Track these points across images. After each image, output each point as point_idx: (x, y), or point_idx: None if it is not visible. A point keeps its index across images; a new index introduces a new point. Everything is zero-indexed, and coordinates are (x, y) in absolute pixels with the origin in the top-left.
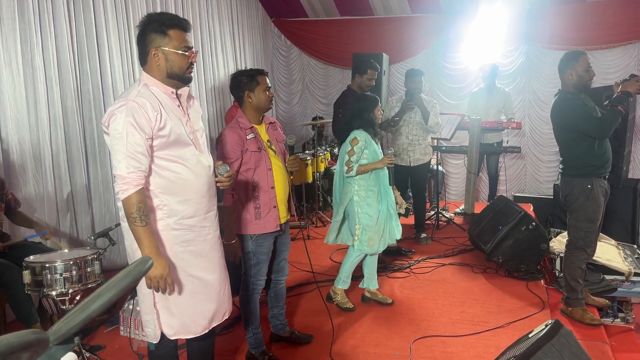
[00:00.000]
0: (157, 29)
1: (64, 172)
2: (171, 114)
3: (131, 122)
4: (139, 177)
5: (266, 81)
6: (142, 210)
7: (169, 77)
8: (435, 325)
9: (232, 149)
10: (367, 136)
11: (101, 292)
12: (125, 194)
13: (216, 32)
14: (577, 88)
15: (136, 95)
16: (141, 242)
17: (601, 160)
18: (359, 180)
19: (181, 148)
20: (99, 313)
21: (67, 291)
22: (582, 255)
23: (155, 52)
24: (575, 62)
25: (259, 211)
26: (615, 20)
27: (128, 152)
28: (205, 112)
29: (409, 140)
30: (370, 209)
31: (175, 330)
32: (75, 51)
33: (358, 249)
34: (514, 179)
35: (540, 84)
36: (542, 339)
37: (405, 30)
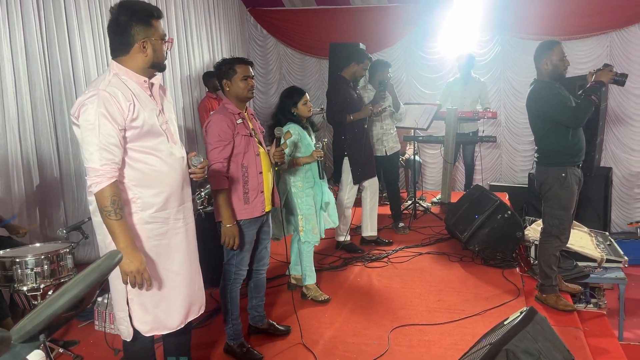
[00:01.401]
0: (143, 20)
1: (33, 165)
2: (144, 104)
3: (103, 112)
4: (113, 169)
5: (245, 70)
6: (116, 204)
7: (152, 67)
8: (413, 314)
9: (225, 132)
10: (300, 129)
11: (67, 288)
12: (98, 186)
13: (191, 22)
14: (552, 77)
15: (107, 85)
16: (116, 236)
17: (575, 149)
18: (295, 171)
19: (154, 139)
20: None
21: (38, 286)
22: (556, 243)
23: (144, 44)
24: (550, 51)
25: (248, 195)
26: (588, 10)
27: (101, 143)
28: (180, 102)
29: (384, 129)
30: (309, 199)
31: (150, 326)
32: (44, 39)
33: (305, 240)
34: (489, 168)
35: (515, 74)
36: (517, 326)
37: (382, 20)
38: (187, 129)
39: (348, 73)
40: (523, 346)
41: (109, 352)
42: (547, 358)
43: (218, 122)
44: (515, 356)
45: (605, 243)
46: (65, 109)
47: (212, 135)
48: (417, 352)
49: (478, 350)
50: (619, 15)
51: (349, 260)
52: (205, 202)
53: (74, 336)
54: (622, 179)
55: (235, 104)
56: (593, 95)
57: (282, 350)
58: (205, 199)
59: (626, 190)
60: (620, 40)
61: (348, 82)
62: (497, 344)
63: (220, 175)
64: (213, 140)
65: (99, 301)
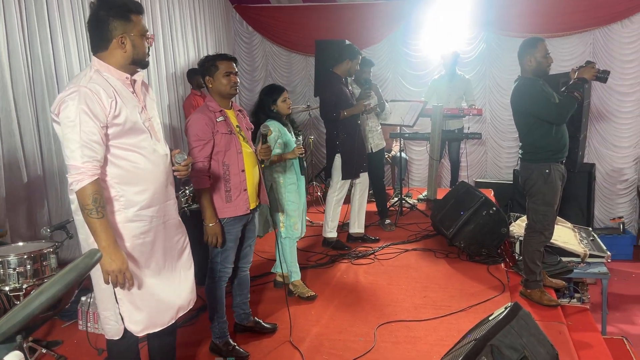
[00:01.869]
0: (121, 15)
1: (15, 163)
2: (126, 101)
3: (84, 109)
4: (95, 167)
5: (228, 66)
6: (98, 202)
7: (133, 63)
8: (399, 310)
9: (203, 131)
10: (280, 126)
11: (45, 288)
12: (80, 184)
13: (176, 18)
14: (536, 74)
15: (88, 82)
16: (98, 235)
17: (558, 145)
18: (277, 167)
19: (137, 136)
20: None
21: (21, 286)
22: (541, 238)
23: (122, 39)
24: (534, 48)
25: (230, 194)
26: (571, 8)
27: (82, 140)
28: (165, 99)
29: (369, 127)
30: (291, 195)
31: (143, 325)
32: (25, 34)
33: (286, 235)
34: (475, 165)
35: (500, 71)
36: (502, 321)
37: (367, 17)
38: (172, 126)
39: (341, 69)
40: (507, 341)
41: (92, 352)
42: (531, 353)
43: (196, 121)
44: (499, 351)
45: (589, 238)
46: (47, 105)
47: (191, 135)
48: (403, 348)
49: (463, 345)
50: (601, 13)
51: (335, 257)
52: (190, 200)
53: (57, 336)
54: (605, 175)
55: (218, 101)
56: (576, 92)
57: (269, 348)
58: (190, 197)
59: (609, 186)
60: (603, 38)
61: (340, 79)
62: (481, 340)
63: (201, 174)
64: (192, 139)
65: (83, 300)
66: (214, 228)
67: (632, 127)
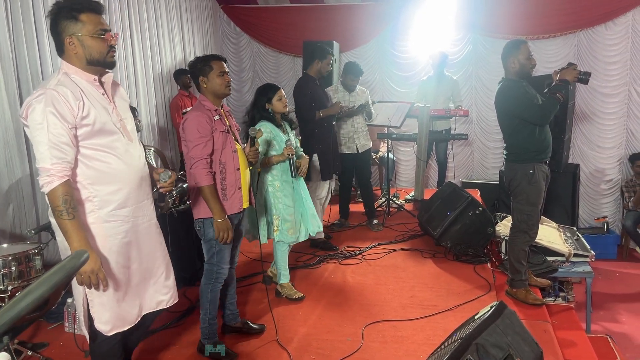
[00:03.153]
0: (68, 15)
1: (3, 164)
2: (95, 102)
3: (52, 111)
4: (64, 168)
5: (221, 66)
6: (68, 203)
7: (90, 64)
8: (387, 310)
9: (204, 128)
10: (273, 127)
11: (31, 289)
12: (49, 186)
13: (163, 19)
14: (519, 75)
15: (56, 84)
16: (69, 236)
17: (542, 145)
18: (272, 170)
19: (108, 137)
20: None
21: (6, 288)
22: (525, 238)
23: (70, 40)
24: (517, 50)
25: (225, 192)
26: (556, 10)
27: (51, 142)
28: (152, 100)
29: (355, 128)
30: (287, 199)
31: (111, 325)
32: (11, 36)
33: (279, 239)
34: (461, 166)
35: (486, 72)
36: (487, 320)
37: (355, 18)
38: (159, 126)
39: (313, 70)
40: (493, 340)
41: (79, 354)
42: (516, 351)
43: (196, 119)
44: (484, 350)
45: (573, 238)
46: None
47: (192, 133)
48: (391, 347)
49: (449, 344)
50: (586, 15)
51: (323, 258)
52: (177, 201)
53: (43, 338)
54: (589, 175)
55: (212, 101)
56: (558, 93)
57: (257, 349)
58: (177, 197)
59: (593, 186)
60: (587, 40)
61: (314, 80)
62: (467, 338)
63: (205, 171)
64: (194, 137)
65: (69, 302)
66: (224, 223)
67: (615, 128)
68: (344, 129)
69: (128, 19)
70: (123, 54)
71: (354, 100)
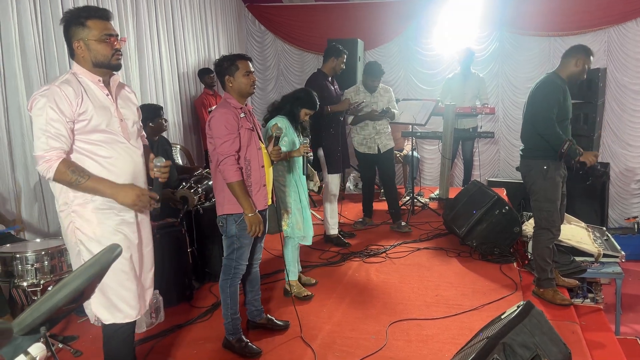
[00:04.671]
0: (76, 21)
1: (30, 161)
2: (96, 101)
3: (52, 105)
4: (59, 153)
5: (247, 65)
6: (77, 170)
7: (96, 66)
8: (411, 308)
9: (231, 124)
10: (288, 124)
11: (67, 281)
12: (51, 170)
13: (187, 18)
14: (569, 77)
15: (61, 82)
16: (98, 190)
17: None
18: (278, 165)
19: (104, 134)
20: (65, 302)
21: (38, 282)
22: (548, 235)
23: (78, 44)
24: (587, 56)
25: (250, 189)
26: (586, 6)
27: (48, 132)
28: (178, 98)
29: (376, 130)
30: (294, 194)
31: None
32: (40, 34)
33: (288, 235)
34: (487, 164)
35: (513, 70)
36: (514, 320)
37: (379, 15)
38: (184, 124)
39: (327, 68)
40: (520, 340)
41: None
42: (544, 352)
43: (223, 115)
44: (512, 350)
45: (603, 238)
46: None
47: (219, 129)
48: (415, 346)
49: (475, 344)
50: (616, 11)
51: (347, 256)
52: (203, 198)
53: (73, 331)
54: (619, 174)
55: (237, 99)
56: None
57: (281, 345)
58: (202, 195)
59: (623, 185)
60: (618, 36)
61: (326, 76)
62: (494, 338)
63: (234, 167)
64: (221, 134)
65: None
66: (255, 217)
67: None
68: (365, 130)
69: (155, 20)
70: (151, 54)
71: (376, 101)
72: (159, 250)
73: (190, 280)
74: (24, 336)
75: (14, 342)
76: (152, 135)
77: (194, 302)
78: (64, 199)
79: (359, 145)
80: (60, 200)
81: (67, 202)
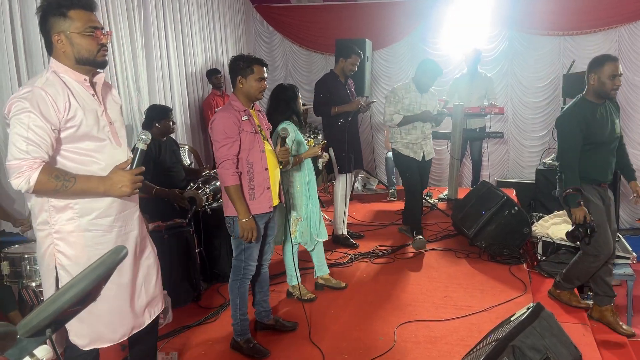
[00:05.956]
0: (56, 11)
1: None
2: (84, 104)
3: (35, 110)
4: (38, 162)
5: (262, 72)
6: (61, 176)
7: (79, 63)
8: (419, 310)
9: (231, 129)
10: (294, 127)
11: (73, 283)
12: (31, 181)
13: (195, 19)
14: (596, 95)
15: (43, 83)
16: (88, 191)
17: (594, 167)
18: (294, 171)
19: (94, 142)
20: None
21: None
22: (594, 262)
23: (58, 38)
24: (600, 67)
25: (253, 192)
26: (596, 5)
27: (29, 140)
28: (186, 99)
29: (424, 134)
30: (305, 200)
31: (88, 339)
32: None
33: (300, 242)
34: (496, 164)
35: (522, 69)
36: (524, 322)
37: (388, 15)
38: (192, 125)
39: (337, 68)
40: (530, 342)
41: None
42: (554, 354)
43: (223, 119)
44: (521, 352)
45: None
46: None
47: (218, 133)
48: (424, 348)
49: (484, 346)
50: (627, 9)
51: (355, 257)
52: (211, 198)
53: None
54: None
55: (243, 102)
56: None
57: (289, 346)
58: (210, 195)
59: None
60: (629, 35)
61: (336, 77)
62: (503, 340)
63: (230, 171)
64: (220, 137)
65: None
66: (249, 223)
67: None
68: (412, 134)
69: (163, 22)
70: (159, 55)
71: (426, 102)
72: (167, 250)
73: (199, 281)
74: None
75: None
76: (159, 136)
77: (202, 303)
78: (45, 217)
79: (404, 148)
80: (40, 218)
81: (49, 221)
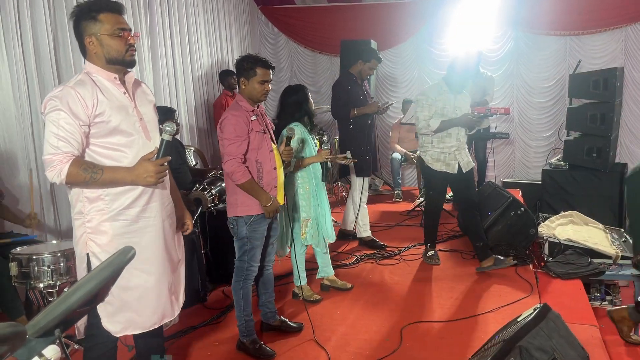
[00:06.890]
0: (87, 16)
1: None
2: (113, 101)
3: (65, 108)
4: (68, 156)
5: (265, 74)
6: (89, 169)
7: (110, 63)
8: (425, 311)
9: (240, 128)
10: (304, 129)
11: (81, 283)
12: (62, 174)
13: (200, 21)
14: None
15: (75, 83)
16: (116, 181)
17: None
18: (303, 172)
19: (124, 136)
20: (79, 305)
21: (54, 283)
22: None
23: (90, 40)
24: None
25: None
26: (602, 5)
27: (59, 135)
28: (191, 100)
29: (459, 142)
30: (314, 200)
31: (121, 325)
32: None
33: (309, 243)
34: (502, 165)
35: (528, 70)
36: (530, 323)
37: (393, 16)
38: (198, 127)
39: (355, 70)
40: (537, 343)
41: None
42: (562, 355)
43: (233, 118)
44: (528, 353)
45: (621, 240)
46: None
47: (228, 132)
48: (430, 349)
49: (491, 347)
50: (633, 9)
51: (360, 258)
52: (216, 199)
53: None
54: None
55: (248, 102)
56: None
57: (295, 347)
58: (215, 196)
59: None
60: (635, 35)
61: (354, 78)
62: (510, 341)
63: (241, 168)
64: (230, 136)
65: None
66: (273, 205)
67: None
68: (446, 142)
69: (169, 23)
70: (164, 56)
71: (460, 105)
72: None
73: (205, 282)
74: (38, 338)
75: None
76: None
77: (208, 304)
78: (80, 207)
79: (435, 161)
80: (76, 208)
81: (83, 211)
